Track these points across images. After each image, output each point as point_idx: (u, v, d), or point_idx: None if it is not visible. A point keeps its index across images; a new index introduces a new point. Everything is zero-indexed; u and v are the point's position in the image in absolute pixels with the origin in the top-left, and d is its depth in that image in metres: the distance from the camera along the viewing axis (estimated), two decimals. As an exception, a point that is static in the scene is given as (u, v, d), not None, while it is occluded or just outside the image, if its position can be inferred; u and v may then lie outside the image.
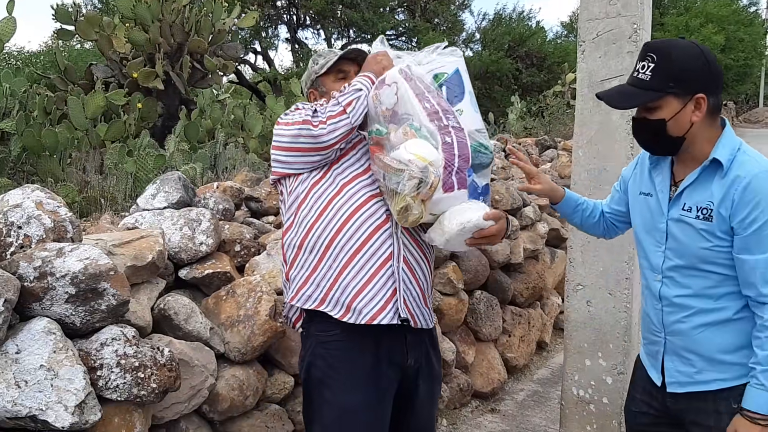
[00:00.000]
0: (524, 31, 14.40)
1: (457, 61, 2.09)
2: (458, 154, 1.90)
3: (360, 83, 2.04)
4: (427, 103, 1.94)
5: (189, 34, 6.41)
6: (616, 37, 3.24)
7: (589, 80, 3.32)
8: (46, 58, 10.65)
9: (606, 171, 3.28)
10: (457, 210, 1.89)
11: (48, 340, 1.87)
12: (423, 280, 2.07)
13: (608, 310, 3.32)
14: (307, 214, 2.03)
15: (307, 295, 2.03)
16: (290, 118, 2.06)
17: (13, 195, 2.42)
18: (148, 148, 5.16)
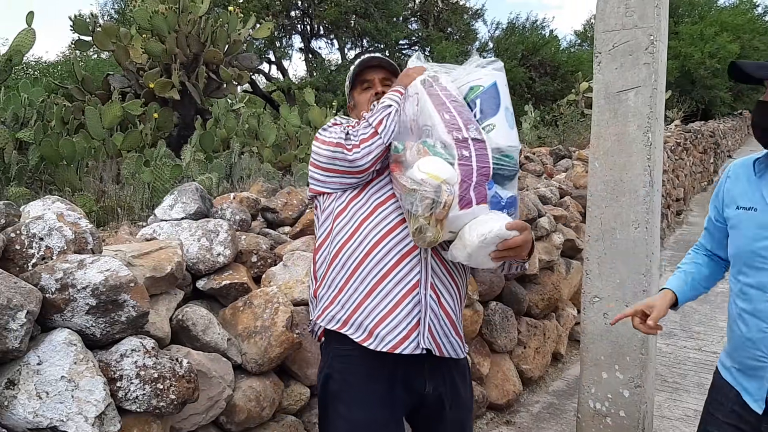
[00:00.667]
0: (537, 40, 14.41)
1: (496, 75, 2.02)
2: (477, 168, 1.85)
3: (389, 98, 2.03)
4: (446, 114, 1.90)
5: (205, 44, 6.46)
6: (633, 49, 3.23)
7: (605, 91, 3.31)
8: (63, 68, 10.78)
9: (622, 182, 3.27)
10: (477, 222, 1.83)
11: (69, 352, 1.88)
12: (452, 309, 2.00)
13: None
14: (339, 232, 2.02)
15: (332, 316, 2.02)
16: (327, 135, 2.04)
17: (34, 206, 2.46)
18: (164, 158, 5.20)
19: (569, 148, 7.46)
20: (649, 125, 3.19)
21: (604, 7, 3.30)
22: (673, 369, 4.84)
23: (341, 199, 2.05)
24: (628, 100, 3.25)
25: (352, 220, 2.00)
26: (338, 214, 2.04)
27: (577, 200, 5.70)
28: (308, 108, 8.00)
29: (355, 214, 2.01)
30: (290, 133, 7.63)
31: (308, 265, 2.89)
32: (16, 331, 1.76)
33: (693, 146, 13.29)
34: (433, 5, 14.63)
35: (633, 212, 3.25)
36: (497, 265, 1.93)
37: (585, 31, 20.85)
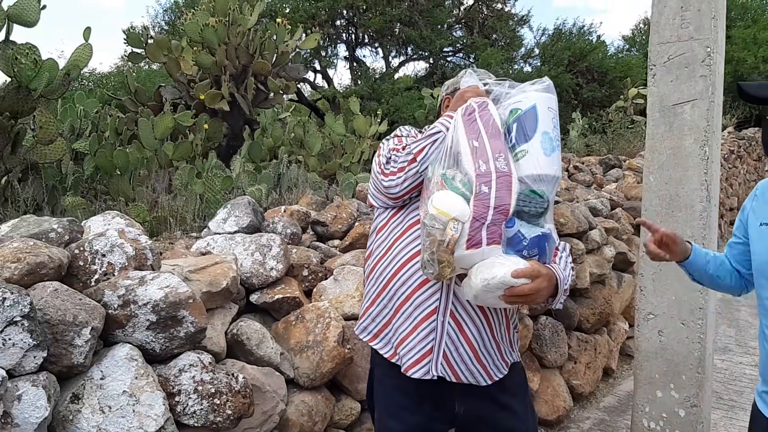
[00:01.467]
0: (585, 45, 14.20)
1: (537, 97, 1.91)
2: (494, 206, 1.74)
3: (440, 124, 2.00)
4: (476, 141, 1.83)
5: (253, 56, 6.57)
6: (689, 61, 3.16)
7: (660, 104, 3.24)
8: (116, 79, 11.08)
9: (678, 197, 3.19)
10: (483, 265, 1.74)
11: (130, 367, 1.93)
12: (476, 338, 1.94)
13: (681, 340, 3.22)
14: (378, 247, 2.06)
15: (363, 327, 2.08)
16: (383, 146, 2.08)
17: (95, 221, 2.53)
18: (215, 168, 5.30)
19: (619, 157, 7.33)
20: (705, 139, 3.11)
21: (659, 19, 3.24)
22: (729, 386, 4.70)
23: (384, 215, 2.08)
24: (683, 114, 3.18)
25: (388, 237, 2.03)
26: (379, 229, 2.08)
27: (629, 212, 5.59)
28: (353, 117, 8.05)
29: (392, 232, 2.03)
30: (335, 141, 7.69)
31: (358, 280, 2.91)
32: (81, 347, 1.82)
33: (747, 154, 12.92)
34: (478, 12, 14.56)
35: (689, 228, 3.17)
36: (512, 306, 1.88)
37: (633, 36, 20.48)
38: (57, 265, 1.96)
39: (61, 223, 2.21)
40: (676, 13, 3.19)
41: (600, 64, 13.98)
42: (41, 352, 1.71)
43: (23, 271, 1.86)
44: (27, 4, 4.55)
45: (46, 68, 4.23)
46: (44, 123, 4.39)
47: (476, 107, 1.92)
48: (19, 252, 1.91)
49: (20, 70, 4.12)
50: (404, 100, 11.41)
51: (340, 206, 3.60)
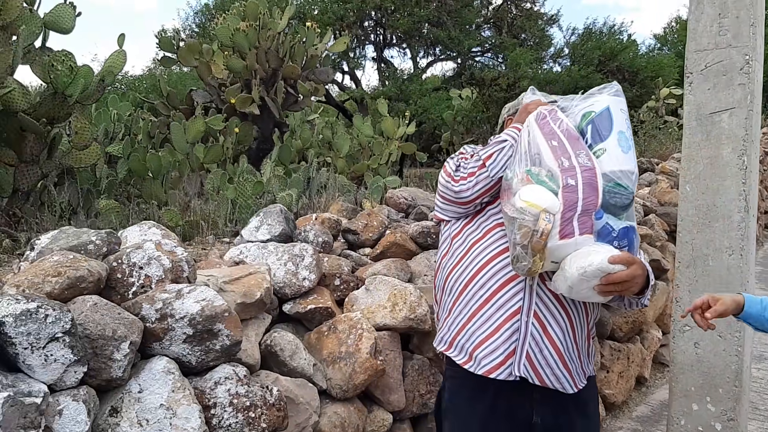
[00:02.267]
0: (615, 45, 13.96)
1: (609, 99, 1.96)
2: (582, 197, 1.77)
3: (506, 134, 2.05)
4: (554, 141, 1.87)
5: (283, 60, 6.61)
6: (727, 69, 3.10)
7: (697, 113, 3.18)
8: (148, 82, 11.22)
9: (716, 207, 3.13)
10: (579, 254, 1.74)
11: (167, 380, 1.95)
12: (561, 340, 1.92)
13: (718, 353, 3.17)
14: (451, 257, 2.09)
15: (440, 337, 2.11)
16: (449, 162, 2.13)
17: (131, 232, 2.56)
18: (246, 173, 5.34)
19: (651, 161, 7.23)
20: (744, 148, 3.05)
21: (695, 26, 3.18)
22: (765, 396, 4.61)
23: (456, 225, 2.12)
24: (721, 122, 3.12)
25: (463, 244, 2.06)
26: (453, 238, 2.11)
27: (662, 218, 5.50)
28: (381, 118, 8.06)
29: (467, 239, 2.06)
30: (363, 143, 7.70)
31: (390, 290, 2.91)
32: (120, 361, 1.84)
33: (782, 155, 12.63)
34: (507, 12, 14.43)
35: (727, 238, 3.11)
36: (605, 299, 1.85)
37: (665, 35, 20.17)
38: (96, 279, 1.99)
39: (99, 235, 2.25)
40: (714, 20, 3.13)
41: (631, 64, 13.75)
42: (82, 367, 1.74)
43: (64, 285, 1.90)
44: (63, 11, 4.63)
45: (82, 75, 4.30)
46: (80, 128, 4.47)
47: (547, 113, 1.97)
48: (60, 266, 1.94)
49: (56, 76, 4.19)
50: (432, 101, 11.37)
51: (371, 214, 3.61)
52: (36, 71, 4.36)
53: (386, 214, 3.80)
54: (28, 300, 1.67)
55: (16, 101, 4.00)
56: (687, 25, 3.25)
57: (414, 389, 2.88)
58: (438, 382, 2.95)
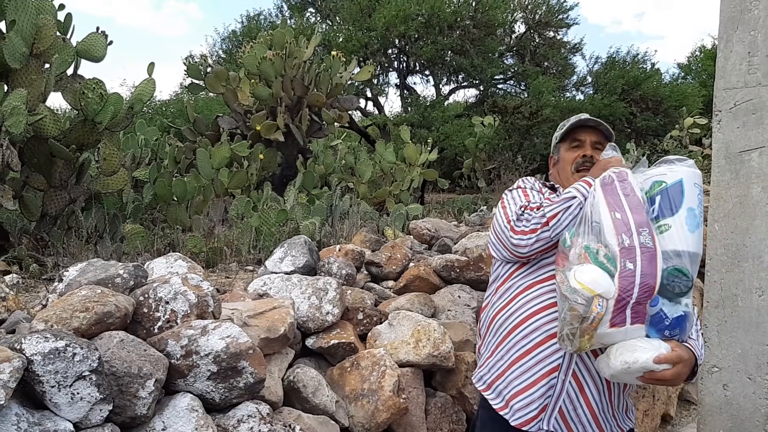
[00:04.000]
0: (639, 74, 13.95)
1: (684, 172, 1.87)
2: (639, 284, 1.68)
3: (576, 189, 1.95)
4: (618, 213, 1.77)
5: (308, 88, 6.68)
6: (756, 108, 3.07)
7: (726, 151, 3.15)
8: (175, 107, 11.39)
9: (745, 247, 3.08)
10: (625, 346, 1.71)
11: (191, 418, 1.94)
12: (596, 400, 1.91)
13: (747, 395, 3.09)
14: (500, 298, 2.07)
15: (480, 375, 2.10)
16: (509, 198, 2.08)
17: (158, 264, 2.58)
18: (270, 200, 5.37)
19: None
20: (775, 188, 3.00)
21: (724, 64, 3.16)
22: (795, 438, 4.48)
23: (506, 268, 2.08)
24: (751, 161, 3.08)
25: (511, 289, 2.03)
26: (503, 280, 2.08)
27: (688, 252, 5.42)
28: (403, 145, 8.09)
29: (515, 284, 2.03)
30: (385, 169, 7.73)
31: (413, 326, 2.89)
32: (145, 398, 1.84)
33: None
34: (530, 40, 14.48)
35: (756, 279, 3.06)
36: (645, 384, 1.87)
37: (689, 64, 20.08)
38: (123, 314, 2.00)
39: (127, 268, 2.26)
40: (743, 59, 3.11)
41: (654, 93, 13.70)
42: (107, 406, 1.74)
43: (91, 320, 1.91)
44: (95, 41, 4.73)
45: (111, 102, 4.37)
46: (108, 155, 4.53)
47: (615, 177, 1.87)
48: (87, 301, 1.96)
49: (87, 103, 4.27)
50: (454, 128, 11.39)
51: (395, 246, 3.60)
52: (67, 98, 4.44)
53: (409, 246, 3.79)
54: (56, 338, 1.68)
55: (47, 128, 4.07)
56: (715, 63, 3.23)
57: (437, 427, 2.85)
58: (461, 421, 2.91)
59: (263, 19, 14.03)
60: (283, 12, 14.50)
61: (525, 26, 14.67)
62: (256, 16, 14.17)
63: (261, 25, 13.40)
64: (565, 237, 1.87)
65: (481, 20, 12.99)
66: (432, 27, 12.27)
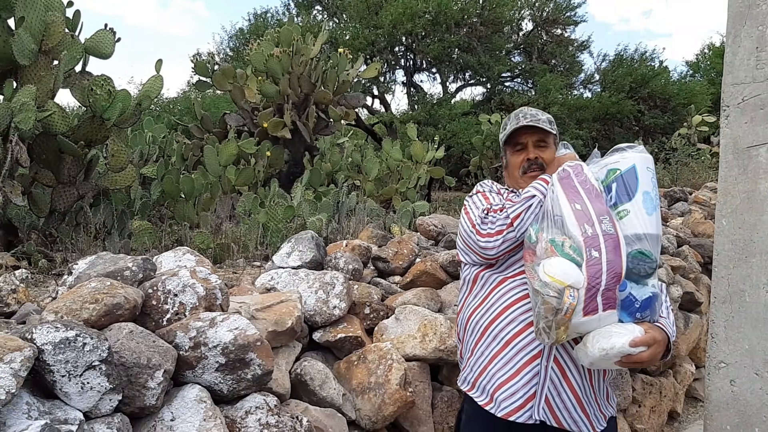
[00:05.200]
0: (647, 71, 13.89)
1: (636, 157, 1.94)
2: (606, 270, 1.73)
3: (534, 188, 1.99)
4: (577, 204, 1.82)
5: (315, 85, 6.68)
6: (765, 103, 3.05)
7: (734, 147, 3.14)
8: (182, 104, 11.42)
9: (753, 242, 3.07)
10: (601, 333, 1.76)
11: (199, 409, 1.96)
12: (579, 384, 1.96)
13: (754, 391, 3.08)
14: (474, 299, 2.10)
15: (464, 377, 2.12)
16: (471, 203, 2.11)
17: (166, 258, 2.60)
18: (277, 197, 5.38)
19: (684, 189, 7.13)
20: (784, 182, 2.99)
21: (732, 59, 3.14)
22: (803, 436, 4.47)
23: (474, 269, 2.12)
24: (759, 156, 3.07)
25: (485, 286, 2.06)
26: (473, 282, 2.12)
27: (696, 249, 5.41)
28: (410, 142, 8.09)
29: (487, 282, 2.06)
30: (392, 166, 7.74)
31: (420, 320, 2.90)
32: (154, 389, 1.86)
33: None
34: (538, 38, 14.44)
35: (764, 274, 3.04)
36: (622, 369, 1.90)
37: (697, 62, 19.97)
38: (132, 306, 2.02)
39: (136, 262, 2.28)
40: (751, 54, 3.10)
41: (662, 91, 13.65)
42: (117, 395, 1.76)
43: (101, 312, 1.92)
44: (103, 37, 4.75)
45: (120, 99, 4.39)
46: (116, 151, 4.55)
47: (570, 170, 1.93)
48: (97, 293, 1.97)
49: (95, 100, 4.29)
50: (461, 126, 11.38)
51: (401, 242, 3.61)
52: (76, 95, 4.46)
53: (416, 242, 3.80)
54: (66, 328, 1.69)
55: (56, 124, 4.10)
56: (723, 58, 3.22)
57: (443, 421, 2.86)
58: (467, 415, 2.92)
59: (270, 17, 14.06)
60: (290, 10, 14.53)
61: (532, 24, 14.63)
62: (263, 13, 14.20)
63: (268, 22, 13.43)
64: (530, 233, 1.90)
65: (488, 18, 12.97)
66: (439, 24, 12.26)
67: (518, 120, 2.18)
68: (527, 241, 1.91)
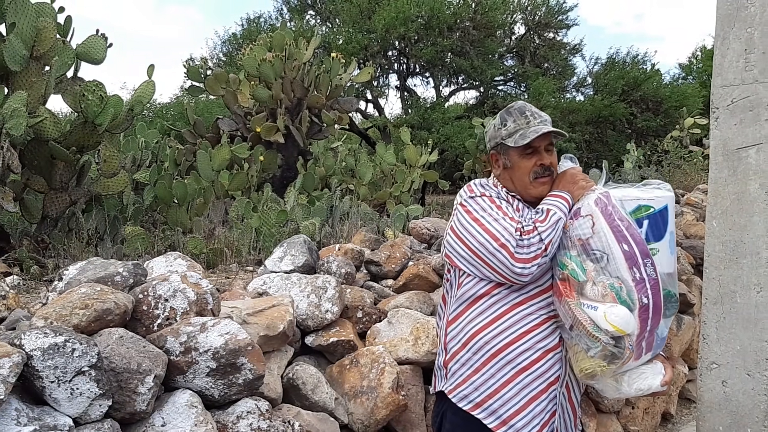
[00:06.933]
0: (639, 74, 13.96)
1: (669, 198, 1.97)
2: (652, 316, 1.79)
3: (557, 209, 1.94)
4: (626, 245, 1.80)
5: (308, 89, 6.69)
6: (753, 104, 3.07)
7: (724, 148, 3.15)
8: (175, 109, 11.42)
9: (743, 244, 3.08)
10: (636, 374, 1.85)
11: (190, 414, 1.95)
12: (577, 400, 2.06)
13: (746, 392, 3.09)
14: (478, 316, 2.00)
15: (464, 395, 2.02)
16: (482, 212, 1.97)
17: (157, 263, 2.59)
18: (270, 201, 5.38)
19: (676, 192, 7.15)
20: (774, 184, 3.01)
21: (721, 61, 3.17)
22: (796, 436, 4.48)
23: (482, 284, 2.00)
24: (748, 158, 3.09)
25: (494, 307, 1.98)
26: (478, 297, 2.00)
27: (688, 251, 5.43)
28: (404, 146, 8.10)
29: (498, 302, 1.98)
30: (386, 170, 7.74)
31: (412, 323, 2.90)
32: (144, 394, 1.85)
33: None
34: (530, 42, 14.50)
35: (755, 275, 3.05)
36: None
37: (690, 64, 20.07)
38: (122, 311, 2.01)
39: (126, 267, 2.27)
40: (740, 56, 3.12)
41: (655, 94, 13.72)
42: (106, 401, 1.75)
43: (91, 317, 1.92)
44: (95, 43, 4.74)
45: (111, 104, 4.39)
46: (108, 157, 4.55)
47: (607, 202, 1.89)
48: (87, 298, 1.97)
49: (87, 105, 4.28)
50: (455, 129, 11.41)
51: (394, 245, 3.61)
52: (67, 100, 4.46)
53: (409, 245, 3.80)
54: (56, 334, 1.69)
55: (47, 130, 4.09)
56: (713, 61, 3.24)
57: (436, 424, 2.85)
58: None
59: (263, 22, 14.08)
60: (283, 14, 14.55)
61: (525, 27, 14.70)
62: (256, 18, 14.23)
63: (261, 27, 13.44)
64: (573, 268, 1.85)
65: (480, 22, 13.02)
66: (432, 29, 12.30)
67: (528, 120, 2.07)
68: (570, 275, 1.85)
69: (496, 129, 2.13)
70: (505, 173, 2.13)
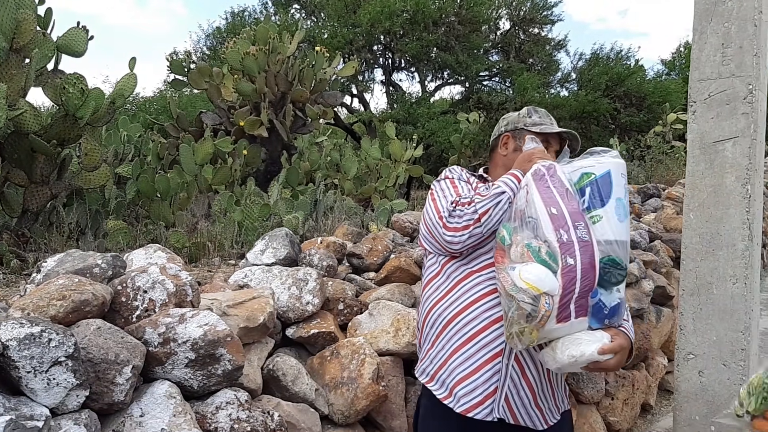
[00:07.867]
0: (622, 70, 14.04)
1: (611, 163, 1.93)
2: (580, 278, 1.74)
3: (505, 184, 1.99)
4: (553, 208, 1.81)
5: (292, 83, 6.68)
6: (730, 98, 3.12)
7: (701, 142, 3.20)
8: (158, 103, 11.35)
9: (720, 236, 3.13)
10: (570, 340, 1.78)
11: (169, 404, 1.96)
12: (536, 380, 1.99)
13: (722, 381, 3.15)
14: (435, 290, 2.10)
15: (423, 368, 2.13)
16: (438, 190, 2.12)
17: (137, 255, 2.59)
18: (253, 195, 5.37)
19: (658, 186, 7.23)
20: (748, 177, 3.06)
21: (699, 55, 3.21)
22: (773, 426, 4.55)
23: (439, 259, 2.12)
24: (725, 151, 3.13)
25: (448, 279, 2.07)
26: (437, 273, 2.11)
27: (668, 244, 5.49)
28: (389, 141, 8.12)
29: (451, 275, 2.06)
30: (371, 165, 7.76)
31: (393, 315, 2.91)
32: (122, 385, 1.85)
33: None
34: (515, 37, 14.54)
35: (731, 267, 3.11)
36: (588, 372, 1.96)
37: (673, 60, 20.22)
38: (100, 303, 2.01)
39: (105, 259, 2.27)
40: (717, 50, 3.16)
41: (638, 89, 13.80)
42: (84, 391, 1.75)
43: (68, 308, 1.91)
44: (76, 35, 4.71)
45: (93, 97, 4.36)
46: (89, 150, 4.52)
47: (545, 170, 1.92)
48: (65, 289, 1.96)
49: (68, 98, 4.25)
50: (440, 124, 11.44)
51: (376, 238, 3.62)
52: (48, 93, 4.42)
53: (391, 238, 3.81)
54: (32, 324, 1.68)
55: (27, 123, 4.06)
56: (690, 55, 3.27)
57: (416, 415, 2.87)
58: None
59: (248, 16, 14.02)
60: (268, 8, 14.49)
61: (510, 23, 14.74)
62: (241, 12, 14.16)
63: (245, 21, 13.38)
64: (503, 235, 1.89)
65: (465, 17, 13.04)
66: (417, 23, 12.31)
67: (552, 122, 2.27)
68: (500, 241, 1.90)
69: (521, 116, 2.29)
70: (512, 156, 2.23)
